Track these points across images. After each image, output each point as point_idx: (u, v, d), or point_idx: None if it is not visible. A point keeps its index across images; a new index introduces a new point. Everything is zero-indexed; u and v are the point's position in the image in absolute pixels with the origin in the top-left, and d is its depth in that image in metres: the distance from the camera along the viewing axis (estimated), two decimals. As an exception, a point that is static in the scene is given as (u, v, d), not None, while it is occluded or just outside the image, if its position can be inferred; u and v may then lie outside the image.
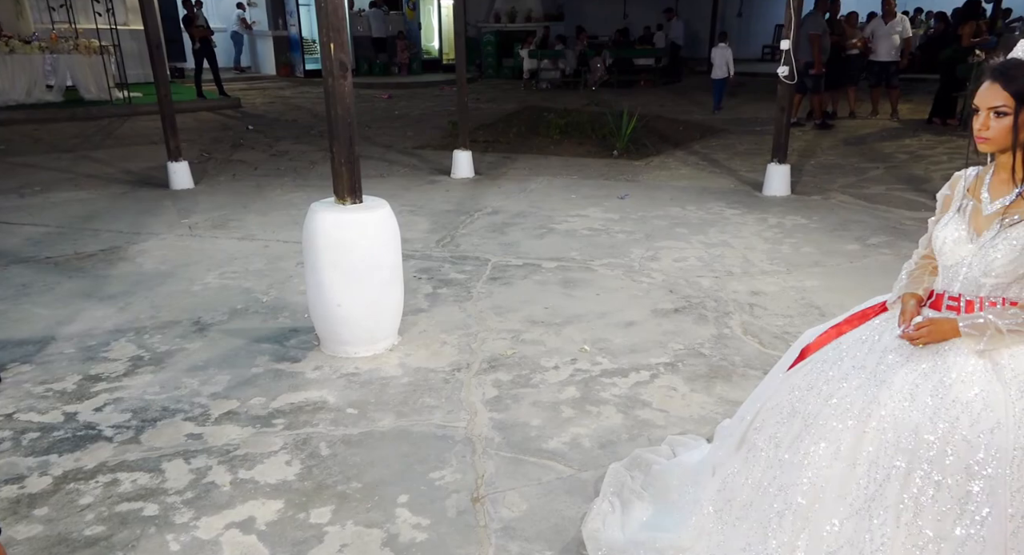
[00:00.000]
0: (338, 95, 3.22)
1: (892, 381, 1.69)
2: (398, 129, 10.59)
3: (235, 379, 3.27)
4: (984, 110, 1.64)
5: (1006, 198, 1.67)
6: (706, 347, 3.56)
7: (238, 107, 12.74)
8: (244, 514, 2.37)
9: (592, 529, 2.17)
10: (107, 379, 3.28)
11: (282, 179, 7.40)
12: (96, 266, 4.80)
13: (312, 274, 3.41)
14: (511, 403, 3.05)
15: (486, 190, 6.91)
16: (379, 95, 14.56)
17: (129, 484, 2.52)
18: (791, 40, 6.07)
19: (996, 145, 1.65)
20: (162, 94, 6.84)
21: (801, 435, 1.80)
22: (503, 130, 9.99)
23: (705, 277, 4.51)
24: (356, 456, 2.69)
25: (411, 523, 2.32)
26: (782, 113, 6.42)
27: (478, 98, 13.40)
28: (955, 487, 1.56)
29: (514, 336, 3.70)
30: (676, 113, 11.55)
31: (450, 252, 5.07)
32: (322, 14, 3.16)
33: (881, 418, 1.66)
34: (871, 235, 5.30)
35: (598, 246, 5.16)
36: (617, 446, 2.72)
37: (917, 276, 1.88)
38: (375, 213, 3.40)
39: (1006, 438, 1.54)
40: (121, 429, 2.87)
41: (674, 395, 3.11)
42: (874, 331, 1.86)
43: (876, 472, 1.64)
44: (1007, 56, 1.67)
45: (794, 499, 1.74)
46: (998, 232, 1.66)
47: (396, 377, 3.29)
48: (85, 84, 12.23)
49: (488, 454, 2.68)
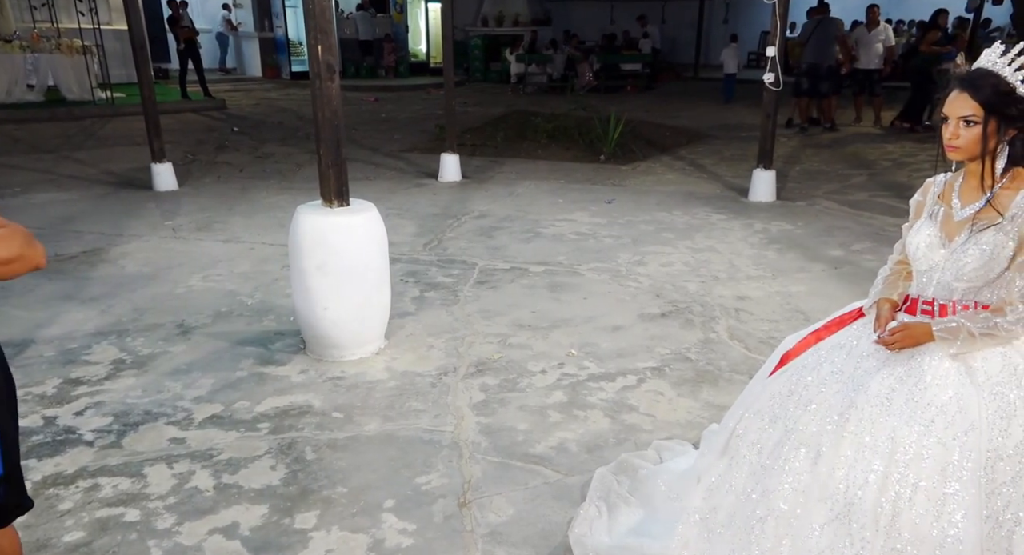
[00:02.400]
0: (325, 97, 3.20)
1: (869, 386, 1.72)
2: (385, 132, 10.56)
3: (219, 383, 3.24)
4: (953, 119, 1.66)
5: (976, 204, 1.70)
6: (692, 352, 3.57)
7: (223, 108, 12.65)
8: (228, 519, 2.34)
9: (579, 534, 2.17)
10: (88, 383, 3.23)
11: (267, 181, 7.35)
12: (77, 268, 4.74)
13: (298, 277, 3.39)
14: (498, 407, 3.04)
15: (473, 194, 6.91)
16: (366, 98, 14.52)
17: (110, 489, 2.48)
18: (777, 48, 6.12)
19: (966, 153, 1.68)
20: (146, 95, 6.78)
21: (782, 441, 1.81)
22: (490, 134, 9.99)
23: (692, 282, 4.53)
24: (342, 461, 2.67)
25: (397, 528, 2.31)
26: (767, 119, 6.47)
27: (465, 102, 13.40)
28: (931, 489, 1.58)
29: (501, 340, 3.69)
30: (663, 118, 11.61)
31: (437, 256, 5.05)
32: (310, 16, 3.15)
33: (859, 422, 1.68)
34: (855, 241, 5.35)
35: (585, 250, 5.17)
36: (604, 450, 2.72)
37: (892, 281, 1.91)
38: (362, 216, 3.39)
39: (979, 440, 1.57)
40: (102, 433, 2.83)
41: (661, 399, 3.11)
42: (851, 337, 1.89)
43: (855, 476, 1.65)
44: (974, 65, 1.69)
45: (776, 505, 1.75)
46: (968, 237, 1.69)
47: (382, 381, 3.27)
48: (67, 84, 12.08)
49: (475, 459, 2.67)
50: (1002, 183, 1.68)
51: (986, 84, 1.63)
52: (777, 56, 6.09)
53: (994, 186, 1.68)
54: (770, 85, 6.17)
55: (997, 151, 1.67)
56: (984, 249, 1.65)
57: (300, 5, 15.17)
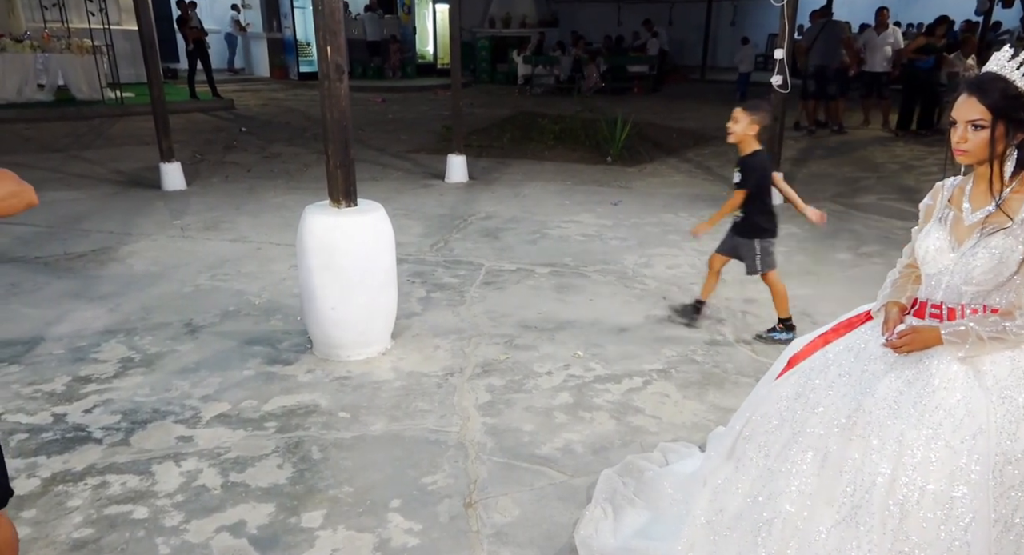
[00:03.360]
0: (334, 98, 3.22)
1: (876, 389, 1.71)
2: (392, 133, 10.58)
3: (226, 381, 3.25)
4: (962, 123, 1.66)
5: (986, 208, 1.70)
6: (699, 354, 3.57)
7: (231, 108, 12.70)
8: (235, 517, 2.35)
9: (584, 535, 2.17)
10: (97, 381, 3.25)
11: (275, 181, 7.38)
12: (86, 266, 4.77)
13: (305, 277, 3.40)
14: (504, 408, 3.04)
15: (480, 195, 6.91)
16: (373, 99, 14.54)
17: (118, 487, 2.50)
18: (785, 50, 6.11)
19: (974, 157, 1.68)
20: (155, 94, 6.81)
21: (789, 444, 1.81)
22: (497, 135, 10.00)
23: (698, 284, 4.51)
24: (348, 460, 2.67)
25: (403, 528, 2.31)
26: (775, 122, 6.45)
27: (472, 103, 13.42)
28: (939, 493, 1.57)
29: (507, 341, 3.69)
30: (670, 120, 11.61)
31: (444, 256, 5.06)
32: (320, 17, 3.16)
33: (866, 425, 1.68)
34: (863, 244, 5.34)
35: (591, 252, 5.17)
36: (610, 452, 2.72)
37: (901, 285, 1.91)
38: (369, 216, 3.40)
39: (988, 444, 1.56)
40: (111, 431, 2.84)
41: (667, 401, 3.11)
42: (859, 340, 1.88)
43: (862, 479, 1.65)
44: (983, 69, 1.69)
45: (783, 507, 1.75)
46: (978, 241, 1.69)
47: (389, 381, 3.28)
48: (77, 84, 12.15)
49: (481, 459, 2.68)
50: (1012, 186, 1.68)
51: (994, 88, 1.63)
52: (785, 58, 6.08)
53: (1004, 190, 1.68)
54: (778, 88, 6.16)
55: (1006, 155, 1.66)
56: (993, 253, 1.65)
57: (308, 6, 15.12)
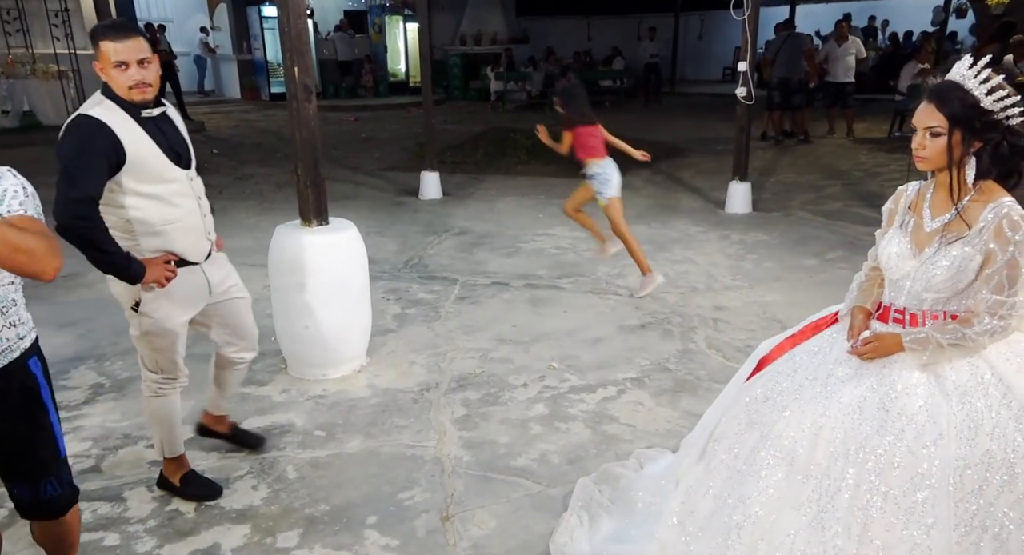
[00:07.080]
0: (303, 118, 3.23)
1: (841, 395, 1.76)
2: (365, 151, 10.60)
3: (200, 404, 3.22)
4: (920, 130, 1.71)
5: (946, 216, 1.73)
6: (672, 362, 3.61)
7: (202, 130, 12.61)
8: (209, 541, 2.33)
9: (560, 543, 2.18)
10: (66, 408, 3.20)
11: (247, 202, 7.35)
12: (55, 293, 4.70)
13: (279, 296, 3.40)
14: (480, 421, 3.05)
15: (454, 210, 6.94)
16: (346, 118, 14.55)
17: (89, 514, 2.46)
18: (748, 62, 6.25)
19: (933, 164, 1.72)
20: (124, 118, 6.75)
21: (758, 447, 1.84)
22: (470, 151, 10.05)
23: (670, 293, 4.58)
24: (324, 478, 2.66)
25: (380, 544, 2.31)
26: (741, 132, 6.58)
27: (445, 119, 13.47)
28: (901, 497, 1.61)
29: (482, 355, 3.71)
30: (641, 133, 11.74)
31: (418, 272, 5.07)
32: (286, 38, 3.19)
33: (832, 430, 1.72)
34: (829, 250, 5.45)
35: (565, 264, 5.22)
36: (585, 461, 2.74)
37: (867, 289, 1.95)
38: (341, 235, 3.41)
39: (948, 449, 1.60)
40: (81, 458, 2.80)
41: (641, 410, 3.14)
42: (826, 342, 1.93)
43: (827, 483, 1.69)
44: (944, 78, 1.74)
45: (752, 510, 1.78)
46: (938, 249, 1.72)
47: (364, 398, 3.27)
48: (43, 109, 11.99)
49: (457, 473, 2.68)
50: (971, 195, 1.70)
51: (953, 97, 1.66)
52: (749, 70, 6.22)
53: (963, 199, 1.70)
54: (743, 99, 6.29)
55: (964, 162, 1.69)
56: (953, 261, 1.68)
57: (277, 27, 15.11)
